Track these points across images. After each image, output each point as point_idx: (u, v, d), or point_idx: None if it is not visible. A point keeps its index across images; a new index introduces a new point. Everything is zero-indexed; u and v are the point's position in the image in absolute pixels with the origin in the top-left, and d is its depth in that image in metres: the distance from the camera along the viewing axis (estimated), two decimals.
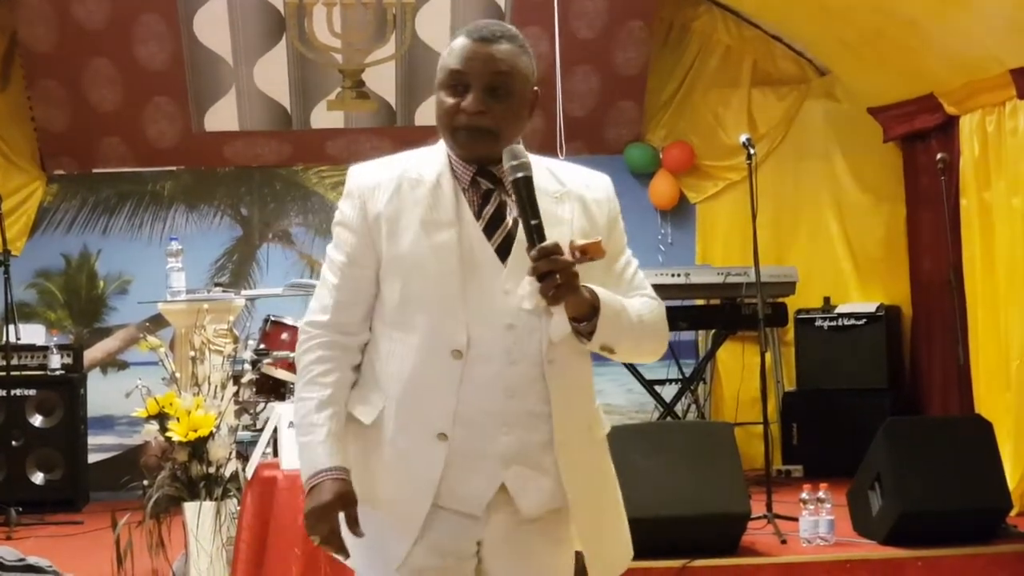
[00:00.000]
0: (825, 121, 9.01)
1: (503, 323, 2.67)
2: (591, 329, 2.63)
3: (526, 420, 2.69)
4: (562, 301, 2.57)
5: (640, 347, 2.82)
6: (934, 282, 8.03)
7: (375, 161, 2.83)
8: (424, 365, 2.68)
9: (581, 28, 8.67)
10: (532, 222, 2.59)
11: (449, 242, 2.68)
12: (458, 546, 2.73)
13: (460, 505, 2.70)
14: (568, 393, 2.73)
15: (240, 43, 8.53)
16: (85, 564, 5.83)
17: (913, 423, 6.56)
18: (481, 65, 2.67)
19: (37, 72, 8.54)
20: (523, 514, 2.72)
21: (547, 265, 2.53)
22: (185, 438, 5.38)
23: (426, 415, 2.68)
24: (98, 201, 9.03)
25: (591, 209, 2.79)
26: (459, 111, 2.67)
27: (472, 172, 2.73)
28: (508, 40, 2.71)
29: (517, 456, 2.69)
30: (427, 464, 2.68)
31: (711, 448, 5.81)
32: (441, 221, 2.70)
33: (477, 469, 2.68)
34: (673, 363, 8.47)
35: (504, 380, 2.67)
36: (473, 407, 2.66)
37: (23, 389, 7.86)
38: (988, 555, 5.75)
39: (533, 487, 2.71)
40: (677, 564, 5.54)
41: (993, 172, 7.24)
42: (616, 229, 2.84)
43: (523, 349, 2.68)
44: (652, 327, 2.80)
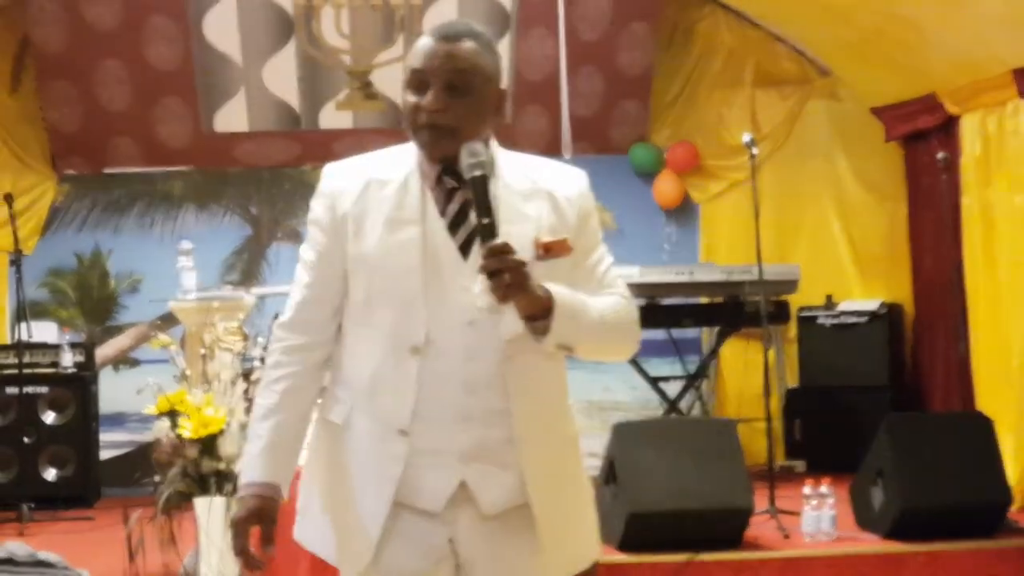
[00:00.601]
0: (827, 121, 9.01)
1: (464, 320, 2.67)
2: (545, 329, 2.59)
3: (486, 416, 2.68)
4: (511, 300, 2.54)
5: (604, 347, 2.80)
6: (936, 280, 8.04)
7: (349, 160, 2.84)
8: (385, 362, 2.69)
9: (586, 29, 8.66)
10: (483, 220, 2.58)
11: (412, 239, 2.69)
12: (430, 546, 2.72)
13: (421, 502, 2.70)
14: (530, 390, 2.71)
15: (249, 44, 8.53)
16: (97, 560, 5.81)
17: (915, 419, 6.58)
18: (440, 63, 2.66)
19: (48, 73, 8.55)
20: (483, 511, 2.71)
21: (495, 263, 2.51)
22: (196, 435, 5.39)
23: (387, 412, 2.69)
24: (109, 201, 9.03)
25: (561, 206, 2.76)
26: (419, 109, 2.67)
27: (438, 170, 2.73)
28: (471, 38, 2.70)
29: (478, 452, 2.69)
30: (388, 461, 2.69)
31: (715, 444, 5.82)
32: (405, 219, 2.70)
33: (437, 465, 2.68)
34: (677, 360, 8.50)
35: (464, 376, 2.67)
36: (433, 403, 2.66)
37: (35, 387, 7.88)
38: (989, 549, 5.76)
39: (494, 483, 2.70)
40: (681, 558, 5.55)
41: (994, 171, 7.25)
42: (587, 226, 2.81)
43: (483, 346, 2.67)
44: (616, 327, 2.77)
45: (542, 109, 8.85)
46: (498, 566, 2.75)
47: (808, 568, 5.69)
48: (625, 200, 9.17)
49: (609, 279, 2.82)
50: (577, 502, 2.87)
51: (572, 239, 2.69)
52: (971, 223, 7.42)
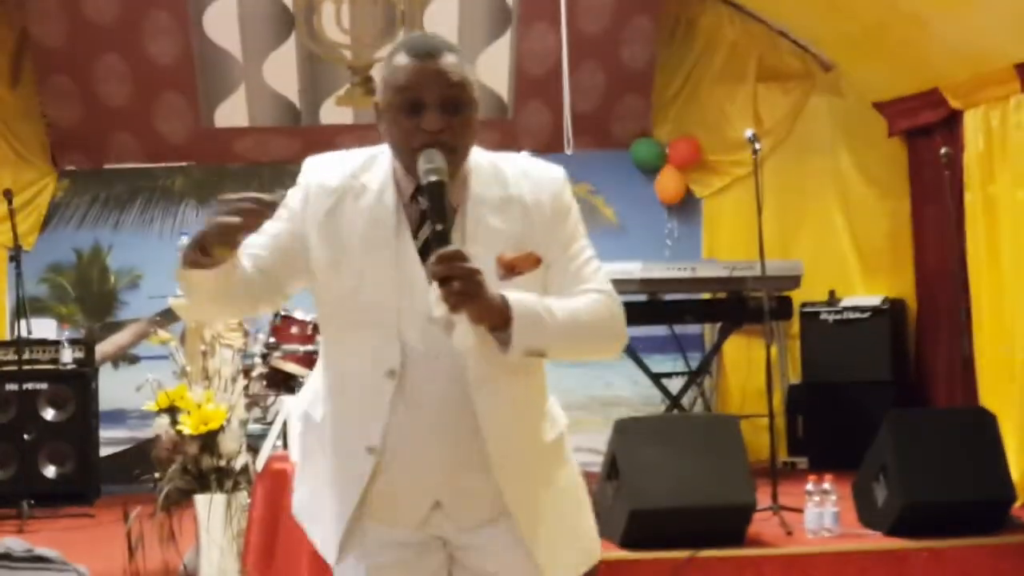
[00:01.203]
0: (830, 116, 9.00)
1: (436, 344, 2.61)
2: (507, 339, 2.52)
3: (460, 438, 2.65)
4: (462, 308, 2.46)
5: (580, 347, 2.73)
6: (939, 275, 8.02)
7: (330, 156, 2.77)
8: (358, 381, 2.66)
9: (588, 24, 8.65)
10: (436, 227, 2.50)
11: (386, 261, 2.63)
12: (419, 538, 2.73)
13: (393, 522, 2.70)
14: (503, 412, 2.67)
15: (249, 39, 8.54)
16: (97, 557, 5.81)
17: (918, 415, 6.56)
18: (433, 80, 2.58)
19: (48, 68, 8.56)
20: (461, 526, 2.71)
21: (445, 271, 2.43)
22: (196, 431, 5.40)
23: (357, 429, 2.66)
24: (109, 196, 9.05)
25: (531, 214, 2.69)
26: (418, 131, 2.58)
27: (413, 187, 2.65)
28: (451, 52, 2.63)
29: (449, 477, 2.67)
30: (354, 476, 2.67)
31: (717, 440, 5.80)
32: (379, 239, 2.64)
33: (411, 486, 2.67)
34: (680, 356, 8.49)
35: (437, 400, 2.62)
36: (406, 426, 2.63)
37: (35, 383, 7.88)
38: (992, 546, 5.73)
39: (469, 503, 2.69)
40: (683, 555, 5.51)
41: (998, 166, 7.22)
42: (563, 224, 2.74)
43: (448, 371, 2.62)
44: (592, 325, 2.68)
45: (543, 104, 8.84)
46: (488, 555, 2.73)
47: (811, 565, 5.66)
48: (627, 196, 9.17)
49: (586, 275, 2.72)
50: (565, 508, 2.82)
51: (543, 245, 2.63)
52: (974, 218, 7.40)
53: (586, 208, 9.11)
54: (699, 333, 9.02)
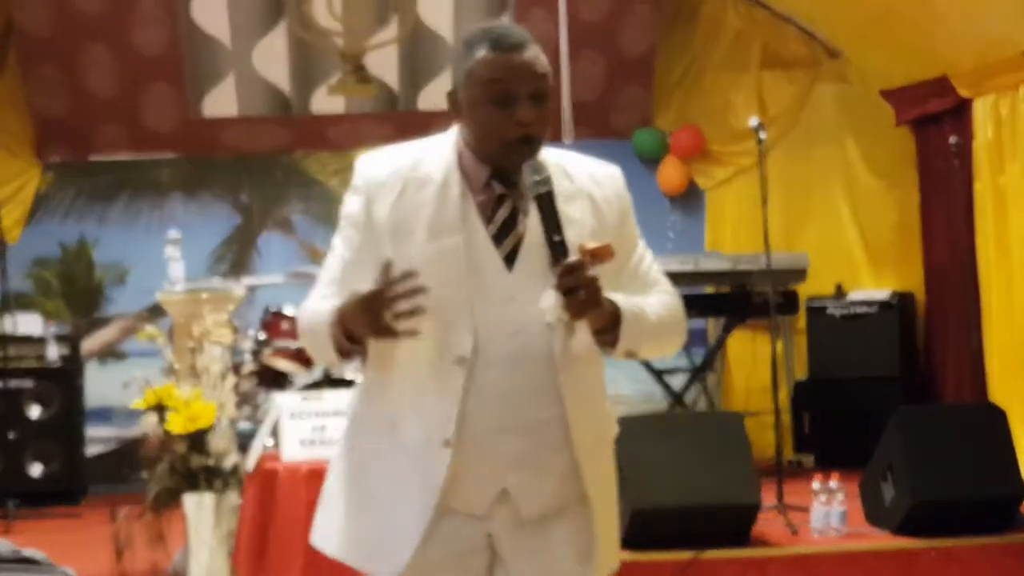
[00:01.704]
0: (836, 104, 8.97)
1: (508, 331, 2.67)
2: (614, 340, 2.66)
3: (532, 426, 2.69)
4: (586, 315, 2.59)
5: (660, 346, 2.86)
6: (948, 268, 8.02)
7: (384, 152, 2.80)
8: (430, 372, 2.67)
9: (587, 11, 8.63)
10: (555, 238, 2.59)
11: (456, 247, 2.66)
12: (465, 540, 2.73)
13: (462, 507, 2.70)
14: (583, 397, 2.74)
15: (238, 26, 8.57)
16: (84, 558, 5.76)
17: (926, 411, 6.58)
18: (524, 74, 2.66)
19: (33, 58, 8.55)
20: (523, 515, 2.72)
21: (572, 281, 2.54)
22: (184, 430, 5.40)
23: (432, 422, 2.67)
24: (95, 189, 9.04)
25: (600, 208, 2.77)
26: (510, 123, 2.64)
27: (487, 174, 2.70)
28: (531, 43, 2.71)
29: (521, 461, 2.70)
30: (432, 471, 2.67)
31: (721, 438, 5.79)
32: (448, 226, 2.67)
33: (481, 474, 2.69)
34: (683, 352, 8.41)
35: (509, 386, 2.67)
36: (477, 414, 2.66)
37: (20, 380, 7.84)
38: (1002, 544, 5.70)
39: (535, 491, 2.72)
40: (687, 555, 5.48)
41: (1007, 156, 7.27)
42: (627, 224, 2.83)
43: (529, 355, 2.67)
44: (671, 326, 2.83)
45: None
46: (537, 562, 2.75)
47: (817, 565, 5.63)
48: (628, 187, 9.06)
49: (653, 277, 2.86)
50: (614, 504, 2.91)
51: (614, 241, 2.67)
52: (984, 209, 7.45)
53: None
54: (702, 328, 8.97)
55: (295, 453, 5.16)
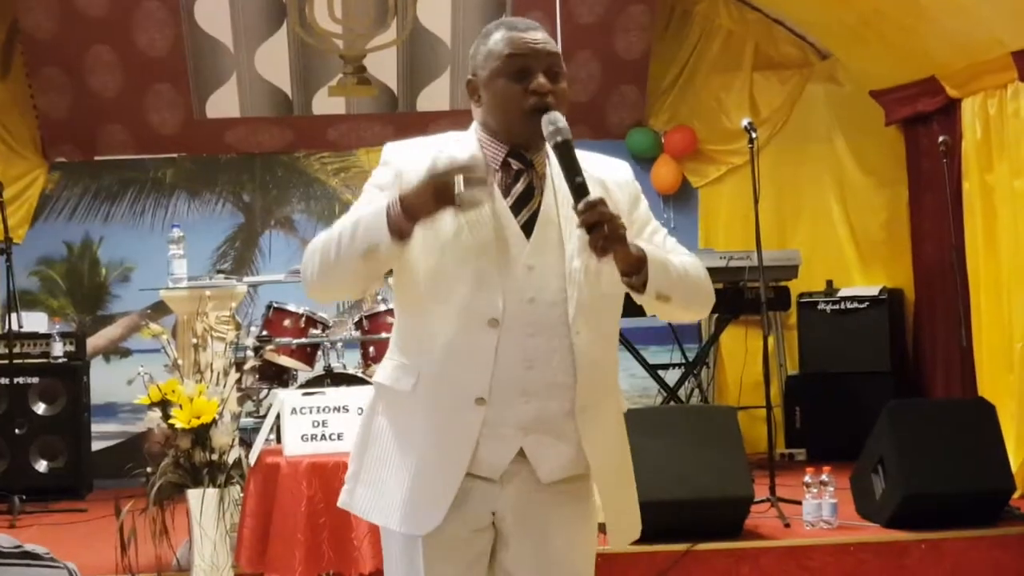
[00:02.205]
0: (827, 104, 8.99)
1: (526, 297, 2.77)
2: (643, 280, 2.72)
3: (547, 390, 2.78)
4: (611, 251, 2.64)
5: (690, 299, 2.89)
6: (936, 265, 8.00)
7: (410, 140, 2.92)
8: (464, 333, 2.76)
9: (583, 13, 8.62)
10: (577, 180, 2.68)
11: (484, 216, 2.77)
12: (477, 517, 2.82)
13: (480, 470, 2.79)
14: (594, 364, 2.82)
15: (241, 29, 8.51)
16: (89, 552, 5.77)
17: (916, 406, 6.54)
18: (542, 48, 2.82)
19: (38, 59, 8.52)
20: (541, 478, 2.81)
21: (594, 216, 2.61)
22: (188, 425, 5.36)
23: (466, 380, 2.76)
24: (100, 188, 9.03)
25: (612, 190, 2.87)
26: (527, 93, 2.78)
27: (504, 153, 2.85)
28: (543, 29, 2.88)
29: (536, 424, 2.78)
30: (464, 428, 2.76)
31: (714, 432, 5.80)
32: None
33: (498, 436, 2.77)
34: (676, 347, 8.47)
35: (525, 351, 2.76)
36: (505, 375, 2.76)
37: (26, 377, 7.83)
38: (991, 537, 5.75)
39: (552, 453, 2.80)
40: (681, 548, 5.53)
41: (995, 155, 7.21)
42: (639, 206, 2.95)
43: (543, 322, 2.77)
44: (697, 279, 2.89)
45: None
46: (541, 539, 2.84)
47: (808, 557, 5.67)
48: None
49: (671, 244, 2.95)
50: (628, 475, 2.99)
51: (625, 219, 2.75)
52: (972, 207, 7.40)
53: None
54: (696, 324, 8.96)
55: (296, 448, 5.14)
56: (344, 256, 2.74)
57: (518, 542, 2.85)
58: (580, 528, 2.90)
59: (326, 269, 2.80)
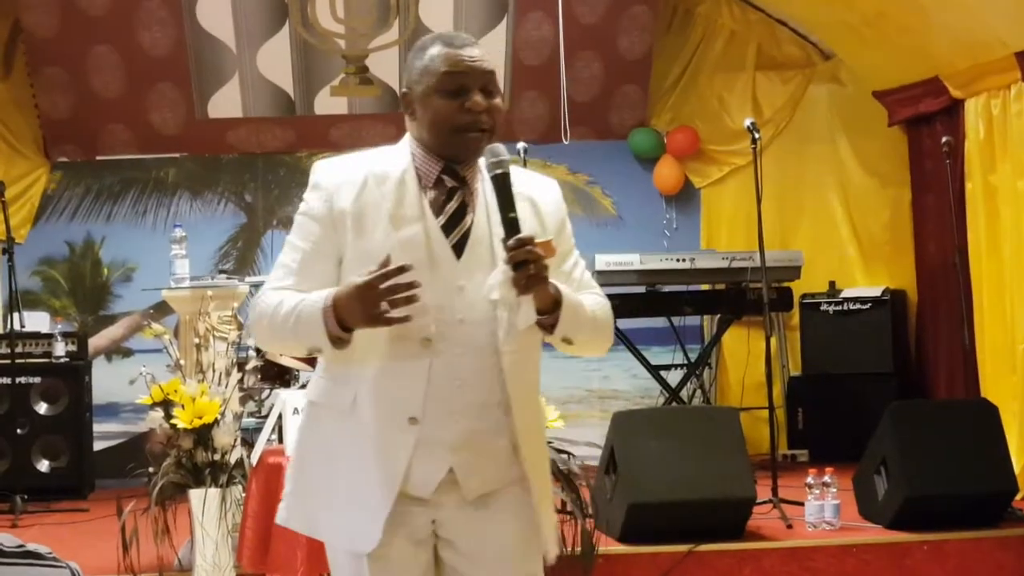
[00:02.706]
0: (830, 105, 9.00)
1: (456, 318, 2.79)
2: (553, 321, 2.75)
3: (476, 409, 2.81)
4: (533, 291, 2.68)
5: (594, 341, 2.94)
6: (939, 266, 8.00)
7: (341, 157, 2.94)
8: (398, 353, 2.77)
9: (584, 13, 8.63)
10: (510, 215, 2.71)
11: (416, 236, 2.79)
12: (417, 528, 2.84)
13: (412, 489, 2.80)
14: (524, 382, 2.87)
15: (243, 29, 8.51)
16: (91, 551, 5.77)
17: (918, 407, 6.55)
18: (477, 66, 2.82)
19: (40, 59, 8.53)
20: (465, 496, 2.83)
21: (524, 255, 2.64)
22: (190, 425, 5.35)
23: (400, 400, 2.78)
24: (102, 188, 9.02)
25: (541, 211, 2.90)
26: (462, 111, 2.79)
27: (438, 170, 2.85)
28: (478, 45, 2.88)
29: (465, 443, 2.81)
30: (398, 447, 2.78)
31: (716, 433, 5.80)
32: (408, 216, 2.81)
33: (430, 455, 2.79)
34: (678, 348, 8.46)
35: (456, 372, 2.79)
36: (436, 394, 2.78)
37: (28, 377, 7.82)
38: (994, 538, 5.74)
39: (477, 471, 2.83)
40: (683, 549, 5.53)
41: (998, 155, 7.21)
42: (564, 231, 2.96)
43: (473, 342, 2.80)
44: (604, 323, 2.94)
45: (540, 94, 8.81)
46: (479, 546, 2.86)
47: (811, 558, 5.66)
48: (625, 186, 9.15)
49: (586, 280, 2.98)
50: (550, 488, 3.03)
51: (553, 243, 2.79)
52: (975, 208, 7.40)
53: (584, 199, 9.13)
54: (698, 325, 8.98)
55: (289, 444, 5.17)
56: (289, 346, 2.88)
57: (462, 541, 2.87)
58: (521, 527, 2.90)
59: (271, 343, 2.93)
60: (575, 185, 9.12)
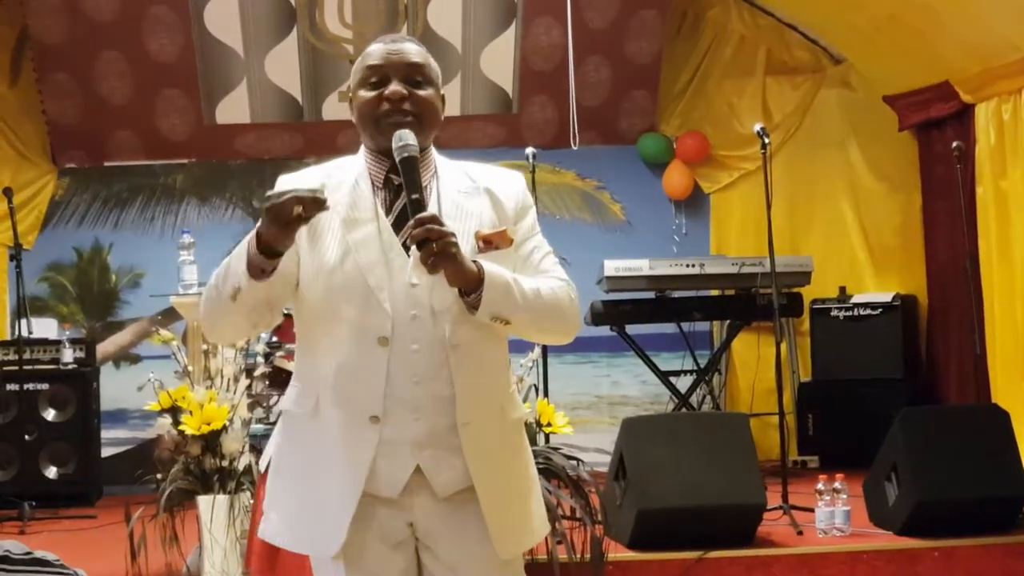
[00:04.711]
0: (840, 110, 8.99)
1: (409, 314, 2.80)
2: (477, 301, 2.75)
3: (434, 405, 2.81)
4: (440, 269, 2.67)
5: (541, 323, 2.91)
6: (950, 271, 8.00)
7: (304, 170, 3.01)
8: (355, 352, 2.80)
9: (594, 18, 8.63)
10: (412, 196, 2.73)
11: (370, 236, 2.83)
12: (392, 531, 2.85)
13: (379, 490, 2.81)
14: (474, 376, 2.85)
15: (251, 35, 8.53)
16: (99, 558, 5.77)
17: (929, 413, 6.51)
18: (398, 59, 2.88)
19: (48, 65, 8.54)
20: (436, 493, 2.84)
21: (423, 233, 2.64)
22: (198, 431, 5.36)
23: (358, 399, 2.80)
24: (110, 194, 9.04)
25: (500, 200, 2.94)
26: (381, 100, 2.85)
27: (385, 169, 2.89)
28: (414, 43, 2.95)
29: (429, 440, 2.81)
30: (360, 446, 2.79)
31: (726, 439, 5.78)
32: (361, 218, 2.85)
33: (394, 454, 2.80)
34: (688, 354, 8.45)
35: (412, 367, 2.80)
36: (395, 392, 2.80)
37: (36, 383, 7.84)
38: (1005, 545, 5.71)
39: (445, 467, 2.83)
40: (693, 555, 5.52)
41: (1009, 160, 7.23)
42: (525, 217, 2.98)
43: (426, 338, 2.80)
44: (551, 303, 2.89)
45: (549, 99, 8.81)
46: (455, 545, 2.87)
47: (821, 565, 5.64)
48: (634, 191, 9.15)
49: (545, 265, 2.97)
50: (521, 484, 3.00)
51: (511, 231, 2.86)
52: (986, 213, 7.42)
53: (593, 204, 9.12)
54: (707, 330, 8.97)
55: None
56: (219, 301, 2.81)
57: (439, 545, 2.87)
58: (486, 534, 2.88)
59: (208, 312, 2.88)
60: (584, 190, 9.12)
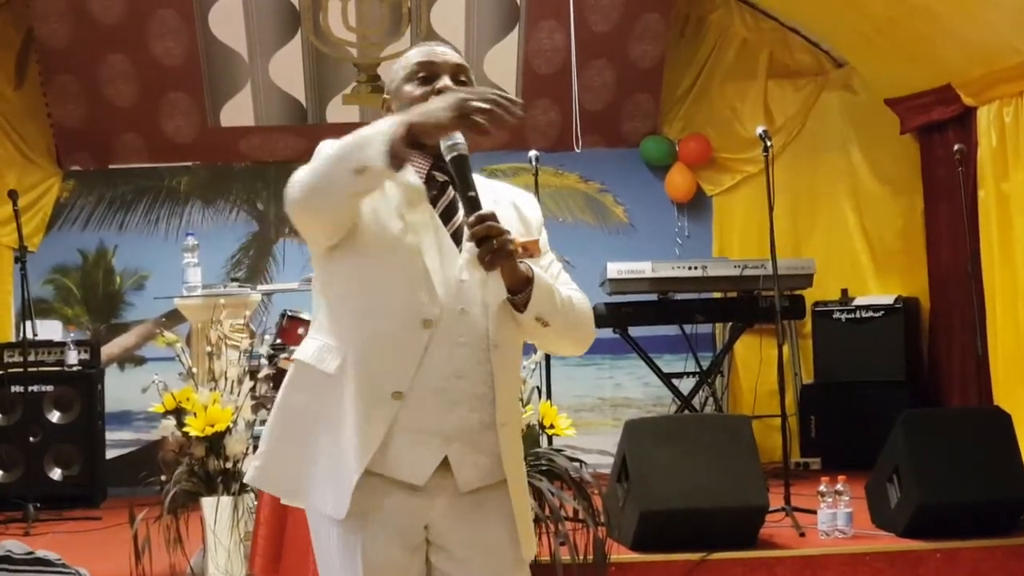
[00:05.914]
0: (842, 113, 8.99)
1: (458, 308, 2.81)
2: (526, 299, 2.78)
3: (471, 401, 2.82)
4: (498, 266, 2.70)
5: (571, 329, 2.94)
6: (952, 274, 7.99)
7: None
8: (397, 328, 2.78)
9: (597, 21, 8.64)
10: (469, 194, 2.73)
11: (424, 223, 2.84)
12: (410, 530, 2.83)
13: (405, 476, 2.79)
14: (509, 377, 2.90)
15: (256, 38, 8.54)
16: (103, 560, 5.77)
17: (931, 415, 6.51)
18: (448, 58, 2.94)
19: (53, 68, 8.56)
20: (460, 487, 2.84)
21: (484, 230, 2.66)
22: (202, 433, 5.36)
23: (388, 373, 2.78)
24: (114, 197, 9.05)
25: (524, 215, 2.98)
26: (433, 95, 2.84)
27: (428, 166, 2.89)
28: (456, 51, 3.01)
29: (458, 434, 2.82)
30: (376, 420, 2.77)
31: (729, 441, 5.77)
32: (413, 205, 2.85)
33: (423, 442, 2.79)
34: (691, 356, 8.45)
35: (455, 361, 2.80)
36: (428, 377, 2.79)
37: (40, 385, 7.83)
38: (1007, 547, 5.70)
39: (470, 463, 2.84)
40: (695, 557, 5.51)
41: (1011, 163, 7.22)
42: (542, 237, 3.00)
43: (472, 333, 2.82)
44: (581, 312, 2.94)
45: (552, 102, 8.82)
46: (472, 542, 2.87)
47: (823, 567, 5.63)
48: (637, 194, 9.16)
49: (563, 279, 3.00)
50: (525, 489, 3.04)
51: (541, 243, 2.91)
52: (987, 216, 7.40)
53: (595, 206, 9.14)
54: (710, 333, 8.98)
55: None
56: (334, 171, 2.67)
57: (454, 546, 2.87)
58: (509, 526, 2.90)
59: (313, 183, 2.71)
60: (587, 193, 9.14)
